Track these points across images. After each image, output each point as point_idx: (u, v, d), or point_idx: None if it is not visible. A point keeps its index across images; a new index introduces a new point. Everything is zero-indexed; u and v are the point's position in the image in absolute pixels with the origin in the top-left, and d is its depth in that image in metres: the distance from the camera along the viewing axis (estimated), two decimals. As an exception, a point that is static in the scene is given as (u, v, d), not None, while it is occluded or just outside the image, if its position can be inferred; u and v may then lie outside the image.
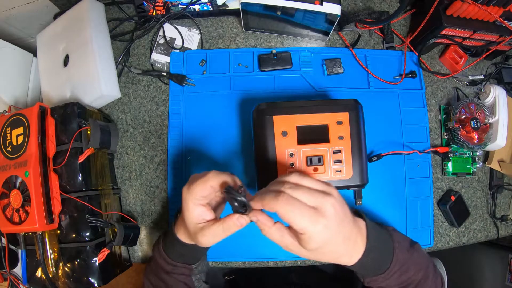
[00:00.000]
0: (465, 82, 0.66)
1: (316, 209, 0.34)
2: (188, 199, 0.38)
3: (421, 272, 0.43)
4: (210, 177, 0.38)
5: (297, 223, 0.33)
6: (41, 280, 0.51)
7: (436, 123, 0.64)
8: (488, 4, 0.53)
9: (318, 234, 0.33)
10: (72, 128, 0.51)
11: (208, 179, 0.38)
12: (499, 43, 0.60)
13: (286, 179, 0.37)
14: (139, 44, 0.66)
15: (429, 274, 0.45)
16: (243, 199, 0.35)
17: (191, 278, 0.49)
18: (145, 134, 0.63)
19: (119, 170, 0.62)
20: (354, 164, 0.50)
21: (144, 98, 0.64)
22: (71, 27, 0.61)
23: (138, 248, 0.61)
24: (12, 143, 0.50)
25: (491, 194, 0.65)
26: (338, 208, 0.35)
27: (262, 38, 0.66)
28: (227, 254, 0.59)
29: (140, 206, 0.61)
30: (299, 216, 0.33)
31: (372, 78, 0.64)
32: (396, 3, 0.68)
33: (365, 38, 0.67)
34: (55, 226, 0.49)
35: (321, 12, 0.54)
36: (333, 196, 0.35)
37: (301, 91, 0.63)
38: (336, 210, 0.34)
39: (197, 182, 0.38)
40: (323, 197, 0.34)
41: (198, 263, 0.49)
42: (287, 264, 0.59)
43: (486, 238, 0.64)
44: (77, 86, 0.59)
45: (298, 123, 0.50)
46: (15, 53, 0.63)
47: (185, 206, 0.39)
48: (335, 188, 0.37)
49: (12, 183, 0.49)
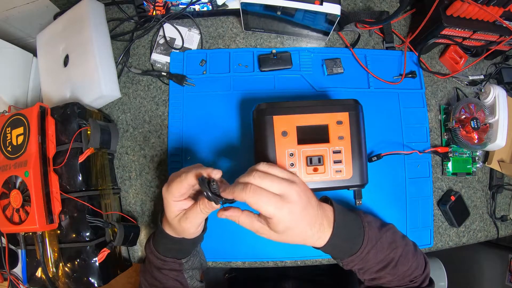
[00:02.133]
0: (465, 82, 0.66)
1: (282, 196, 0.37)
2: (168, 198, 0.42)
3: (399, 250, 0.45)
4: (183, 178, 0.40)
5: (264, 210, 0.37)
6: (41, 280, 0.51)
7: (436, 123, 0.64)
8: (488, 4, 0.53)
9: (284, 217, 0.37)
10: (72, 128, 0.51)
11: (182, 180, 0.40)
12: (499, 43, 0.60)
13: (254, 168, 0.40)
14: (139, 44, 0.66)
15: (408, 252, 0.46)
16: (211, 193, 0.38)
17: (183, 275, 0.50)
18: (145, 134, 0.63)
19: (119, 170, 0.62)
20: (354, 164, 0.50)
21: (144, 98, 0.64)
22: (71, 27, 0.61)
23: (138, 248, 0.61)
24: (12, 143, 0.50)
25: (491, 194, 0.65)
26: (302, 195, 0.38)
27: (262, 38, 0.66)
28: (227, 254, 0.59)
29: (140, 206, 0.61)
30: (265, 203, 0.36)
31: (372, 78, 0.64)
32: (396, 3, 0.68)
33: (365, 38, 0.67)
34: (55, 226, 0.49)
35: (321, 12, 0.54)
36: (297, 184, 0.39)
37: (301, 91, 0.63)
38: (300, 196, 0.38)
39: (174, 183, 0.41)
40: (288, 185, 0.38)
41: (188, 258, 0.50)
42: (287, 264, 0.59)
43: (486, 238, 0.64)
44: (77, 86, 0.59)
45: (298, 123, 0.50)
46: (15, 53, 0.63)
47: (166, 204, 0.42)
48: (299, 177, 0.41)
49: (12, 183, 0.49)
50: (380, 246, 0.44)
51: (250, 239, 0.58)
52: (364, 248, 0.43)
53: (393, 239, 0.46)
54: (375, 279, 0.46)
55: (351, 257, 0.43)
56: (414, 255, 0.47)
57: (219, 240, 0.58)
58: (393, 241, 0.46)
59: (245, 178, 0.38)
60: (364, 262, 0.44)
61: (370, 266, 0.44)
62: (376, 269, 0.45)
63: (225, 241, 0.58)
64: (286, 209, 0.37)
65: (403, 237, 0.49)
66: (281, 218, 0.37)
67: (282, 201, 0.37)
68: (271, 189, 0.37)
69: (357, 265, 0.44)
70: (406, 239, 0.49)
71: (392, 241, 0.46)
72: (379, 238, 0.45)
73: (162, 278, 0.49)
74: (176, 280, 0.49)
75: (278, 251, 0.58)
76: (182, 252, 0.49)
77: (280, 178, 0.39)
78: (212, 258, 0.58)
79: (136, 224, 0.59)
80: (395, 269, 0.45)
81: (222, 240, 0.58)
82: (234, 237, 0.58)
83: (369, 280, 0.47)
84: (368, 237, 0.44)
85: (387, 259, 0.45)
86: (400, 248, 0.46)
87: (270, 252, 0.58)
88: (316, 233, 0.41)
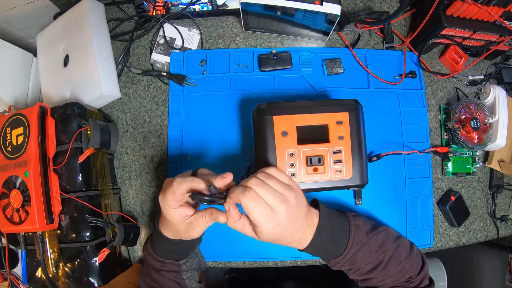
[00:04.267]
0: (465, 82, 0.66)
1: (273, 210, 0.39)
2: (165, 206, 0.42)
3: (388, 252, 0.46)
4: (175, 188, 0.40)
5: (254, 218, 0.39)
6: (41, 280, 0.51)
7: (436, 123, 0.64)
8: (488, 4, 0.53)
9: (268, 230, 0.39)
10: (72, 128, 0.51)
11: (174, 190, 0.40)
12: (499, 43, 0.60)
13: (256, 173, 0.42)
14: (139, 44, 0.66)
15: (400, 253, 0.47)
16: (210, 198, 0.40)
17: (182, 277, 0.50)
18: (145, 134, 0.63)
19: (119, 170, 0.62)
20: (354, 164, 0.50)
21: (144, 98, 0.64)
22: (71, 27, 0.61)
23: (138, 248, 0.61)
24: (12, 143, 0.50)
25: (491, 194, 0.65)
26: (291, 212, 0.40)
27: (262, 38, 0.66)
28: (227, 254, 0.59)
29: (140, 206, 0.61)
30: (258, 213, 0.38)
31: (372, 78, 0.64)
32: (396, 3, 0.68)
33: (365, 38, 0.67)
34: (55, 226, 0.49)
35: (321, 12, 0.54)
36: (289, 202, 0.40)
37: (301, 91, 0.63)
38: (288, 213, 0.40)
39: (167, 193, 0.41)
40: (281, 202, 0.39)
41: (186, 259, 0.50)
42: (287, 264, 0.59)
43: (486, 238, 0.64)
44: (77, 86, 0.59)
45: (298, 123, 0.50)
46: (15, 53, 0.63)
47: (165, 212, 0.43)
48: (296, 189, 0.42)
49: (12, 183, 0.49)
50: (368, 248, 0.46)
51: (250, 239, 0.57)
52: (348, 251, 0.44)
53: (383, 241, 0.47)
54: (366, 280, 0.47)
55: (336, 258, 0.45)
56: (408, 257, 0.48)
57: (219, 240, 0.58)
58: (383, 243, 0.47)
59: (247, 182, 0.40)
60: (351, 264, 0.45)
61: (359, 267, 0.46)
62: (366, 270, 0.46)
63: (225, 241, 0.58)
64: (273, 223, 0.39)
65: (396, 239, 0.49)
66: (266, 230, 0.39)
67: (272, 215, 0.39)
68: (266, 199, 0.39)
69: (344, 266, 0.46)
70: (399, 241, 0.49)
71: (382, 244, 0.47)
72: (366, 241, 0.46)
73: (160, 279, 0.49)
74: (174, 282, 0.50)
75: (278, 251, 0.58)
76: (180, 254, 0.49)
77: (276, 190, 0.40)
78: (212, 258, 0.58)
79: (136, 224, 0.59)
80: (385, 270, 0.46)
81: (222, 240, 0.58)
82: (234, 237, 0.58)
83: (361, 280, 0.48)
84: (354, 240, 0.45)
85: (375, 261, 0.46)
86: (390, 250, 0.47)
87: (270, 252, 0.58)
88: (297, 239, 0.43)
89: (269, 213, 0.39)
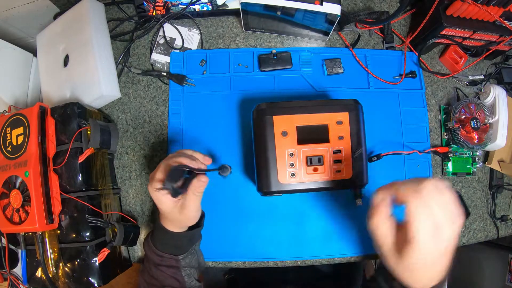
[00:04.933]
0: (465, 82, 0.66)
1: (438, 228, 0.32)
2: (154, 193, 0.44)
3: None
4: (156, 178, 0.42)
5: (417, 230, 0.32)
6: (41, 280, 0.51)
7: (436, 123, 0.64)
8: (488, 4, 0.53)
9: (424, 251, 0.32)
10: (72, 128, 0.51)
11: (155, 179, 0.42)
12: (499, 43, 0.60)
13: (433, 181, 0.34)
14: (139, 44, 0.66)
15: None
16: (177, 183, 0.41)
17: (180, 273, 0.50)
18: (145, 134, 0.63)
19: (119, 170, 0.62)
20: (354, 164, 0.50)
21: (144, 98, 0.64)
22: (71, 27, 0.61)
23: (138, 248, 0.61)
24: (12, 143, 0.50)
25: (491, 194, 0.65)
26: (453, 241, 0.34)
27: (262, 38, 0.66)
28: (227, 254, 0.58)
29: (140, 206, 0.61)
30: (423, 224, 0.32)
31: (372, 78, 0.64)
32: (396, 3, 0.68)
33: (365, 38, 0.67)
34: (55, 226, 0.49)
35: (321, 12, 0.54)
36: (458, 225, 0.33)
37: (301, 91, 0.63)
38: (450, 242, 0.33)
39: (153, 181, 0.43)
40: (451, 223, 0.33)
41: (185, 254, 0.50)
42: (287, 264, 0.59)
43: (486, 238, 0.64)
44: (77, 86, 0.59)
45: (298, 123, 0.50)
46: (15, 53, 0.63)
47: (158, 201, 0.44)
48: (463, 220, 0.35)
49: (12, 183, 0.49)
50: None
51: (250, 239, 0.58)
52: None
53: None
54: None
55: None
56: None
57: (219, 240, 0.58)
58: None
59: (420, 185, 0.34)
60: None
61: None
62: None
63: (225, 241, 0.58)
64: (433, 244, 0.32)
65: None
66: (422, 249, 0.32)
67: (437, 234, 0.32)
68: (436, 213, 0.32)
69: None
70: None
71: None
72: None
73: (160, 275, 0.50)
74: (173, 278, 0.50)
75: (278, 251, 0.58)
76: (179, 248, 0.50)
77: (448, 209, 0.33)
78: (212, 258, 0.58)
79: (136, 224, 0.59)
80: None
81: (222, 240, 0.58)
82: (234, 237, 0.58)
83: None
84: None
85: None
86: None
87: (270, 252, 0.58)
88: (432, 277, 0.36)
89: (435, 232, 0.32)
